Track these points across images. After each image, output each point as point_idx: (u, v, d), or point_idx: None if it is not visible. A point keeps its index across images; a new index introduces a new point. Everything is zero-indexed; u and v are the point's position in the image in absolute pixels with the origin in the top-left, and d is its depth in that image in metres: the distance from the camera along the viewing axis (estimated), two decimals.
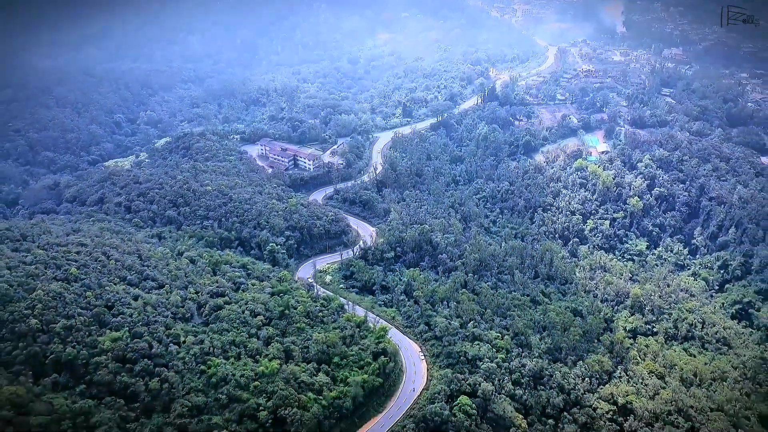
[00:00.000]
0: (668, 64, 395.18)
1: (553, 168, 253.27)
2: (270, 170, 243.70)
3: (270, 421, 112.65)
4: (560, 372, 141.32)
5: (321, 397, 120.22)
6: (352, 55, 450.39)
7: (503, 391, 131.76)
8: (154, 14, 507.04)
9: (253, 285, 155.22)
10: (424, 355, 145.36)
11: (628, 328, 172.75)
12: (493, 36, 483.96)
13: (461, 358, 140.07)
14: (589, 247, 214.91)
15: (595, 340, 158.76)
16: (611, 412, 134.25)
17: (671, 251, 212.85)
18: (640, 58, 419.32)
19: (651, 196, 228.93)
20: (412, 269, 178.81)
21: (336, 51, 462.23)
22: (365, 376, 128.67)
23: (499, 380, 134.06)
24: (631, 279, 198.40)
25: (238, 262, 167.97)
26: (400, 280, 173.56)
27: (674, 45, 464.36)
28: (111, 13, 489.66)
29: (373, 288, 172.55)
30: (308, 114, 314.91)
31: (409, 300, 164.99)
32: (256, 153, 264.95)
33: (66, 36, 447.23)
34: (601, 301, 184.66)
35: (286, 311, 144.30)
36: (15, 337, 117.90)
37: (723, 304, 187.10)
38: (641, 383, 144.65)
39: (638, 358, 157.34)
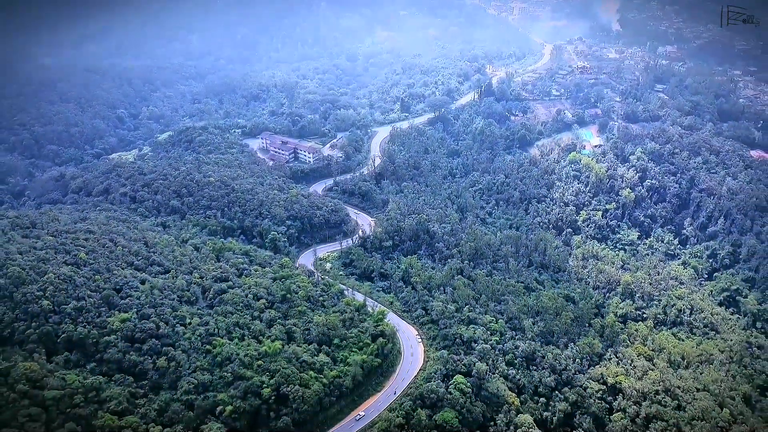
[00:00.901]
0: (662, 61, 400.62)
1: (547, 161, 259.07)
2: (271, 163, 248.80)
3: (273, 397, 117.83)
4: (552, 354, 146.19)
5: (322, 376, 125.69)
6: (351, 53, 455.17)
7: (497, 371, 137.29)
8: (154, 14, 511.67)
9: (255, 271, 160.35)
10: (422, 338, 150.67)
11: (618, 314, 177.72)
12: (491, 34, 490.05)
13: (457, 340, 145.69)
14: (582, 237, 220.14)
15: (587, 325, 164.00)
16: (601, 392, 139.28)
17: (662, 241, 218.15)
18: (635, 56, 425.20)
19: (642, 188, 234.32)
20: (409, 257, 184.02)
21: (335, 48, 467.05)
22: (364, 356, 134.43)
23: (493, 361, 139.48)
24: (622, 267, 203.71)
25: (240, 250, 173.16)
26: (398, 267, 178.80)
27: (669, 43, 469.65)
28: (111, 12, 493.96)
29: (372, 275, 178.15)
30: (308, 109, 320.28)
31: (406, 286, 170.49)
32: (257, 146, 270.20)
33: (67, 35, 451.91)
34: (593, 288, 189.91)
35: (288, 295, 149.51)
36: (28, 317, 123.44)
37: (711, 291, 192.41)
38: (630, 365, 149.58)
39: (628, 341, 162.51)
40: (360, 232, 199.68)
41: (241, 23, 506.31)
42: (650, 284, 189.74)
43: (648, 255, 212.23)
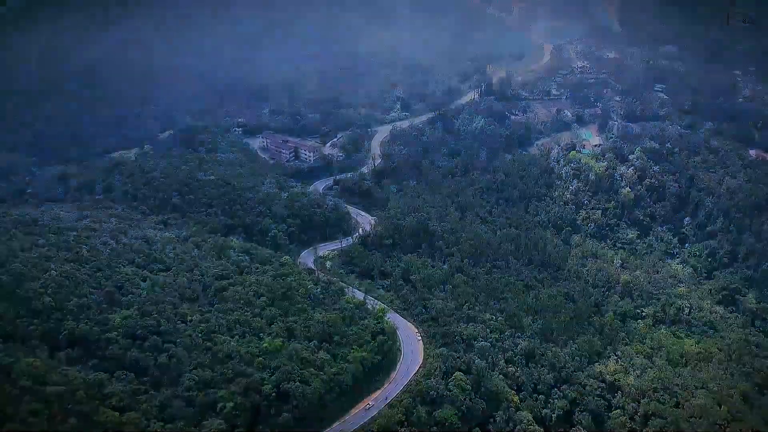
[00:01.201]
0: (662, 61, 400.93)
1: (547, 160, 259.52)
2: (272, 161, 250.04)
3: (273, 394, 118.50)
4: (551, 351, 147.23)
5: (322, 373, 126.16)
6: (352, 52, 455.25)
7: (496, 369, 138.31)
8: (155, 13, 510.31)
9: (256, 268, 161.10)
10: (421, 336, 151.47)
11: (617, 312, 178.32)
12: (491, 33, 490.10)
13: (456, 337, 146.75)
14: (581, 236, 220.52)
15: (586, 323, 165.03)
16: (600, 389, 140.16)
17: (661, 240, 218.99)
18: (635, 56, 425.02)
19: (642, 187, 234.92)
20: (409, 255, 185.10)
21: (335, 47, 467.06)
22: (364, 353, 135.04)
23: (492, 358, 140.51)
24: (621, 266, 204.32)
25: (241, 248, 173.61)
26: (398, 265, 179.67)
27: (669, 43, 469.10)
28: (112, 11, 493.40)
29: (372, 273, 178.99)
30: (308, 108, 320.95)
31: (406, 284, 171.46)
32: (258, 145, 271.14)
33: (68, 34, 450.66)
34: (592, 287, 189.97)
35: (289, 293, 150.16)
36: (31, 314, 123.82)
37: (710, 290, 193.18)
38: (629, 363, 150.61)
39: (627, 339, 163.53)
40: (360, 231, 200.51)
41: (242, 22, 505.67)
42: (649, 283, 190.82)
43: (647, 254, 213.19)
